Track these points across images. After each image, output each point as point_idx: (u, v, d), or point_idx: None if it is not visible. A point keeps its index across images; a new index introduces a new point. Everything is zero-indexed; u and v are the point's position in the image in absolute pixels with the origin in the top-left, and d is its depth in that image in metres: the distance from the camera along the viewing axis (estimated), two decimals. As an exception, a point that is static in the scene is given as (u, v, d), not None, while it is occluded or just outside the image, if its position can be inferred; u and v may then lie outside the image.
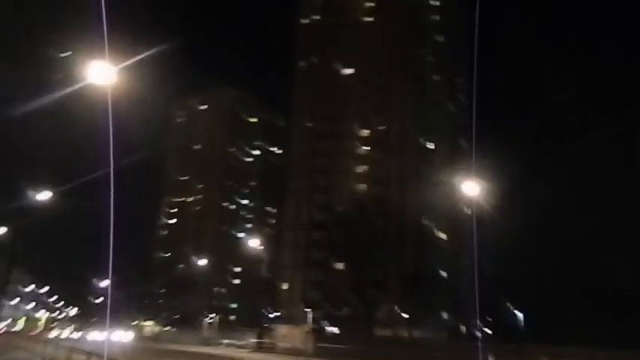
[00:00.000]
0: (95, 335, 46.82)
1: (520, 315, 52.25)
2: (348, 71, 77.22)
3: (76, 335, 54.79)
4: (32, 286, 66.91)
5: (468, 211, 43.23)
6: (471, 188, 23.32)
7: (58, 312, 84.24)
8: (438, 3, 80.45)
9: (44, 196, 20.40)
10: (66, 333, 57.58)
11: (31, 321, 62.35)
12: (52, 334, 56.17)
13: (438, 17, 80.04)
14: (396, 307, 55.57)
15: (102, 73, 10.95)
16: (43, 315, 73.77)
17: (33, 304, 70.43)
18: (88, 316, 76.73)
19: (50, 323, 69.68)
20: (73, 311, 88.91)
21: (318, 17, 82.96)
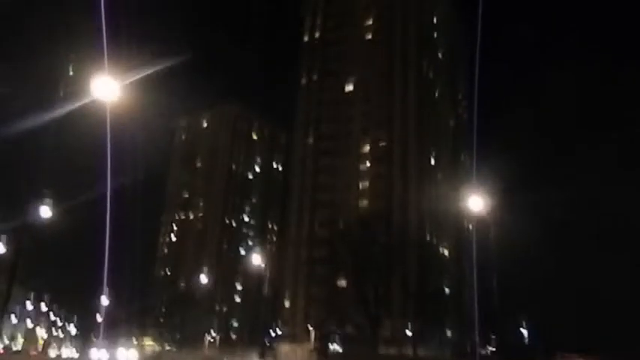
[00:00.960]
0: (96, 354, 46.22)
1: (525, 332, 51.60)
2: (350, 87, 77.64)
3: (77, 354, 54.16)
4: (31, 304, 66.28)
5: (471, 225, 43.03)
6: (473, 202, 23.19)
7: (57, 330, 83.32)
8: (437, 19, 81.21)
9: (45, 212, 20.32)
10: (66, 352, 56.91)
11: (31, 339, 61.70)
12: (52, 353, 55.57)
13: (437, 33, 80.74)
14: (399, 324, 54.90)
15: (105, 89, 10.98)
16: (42, 333, 73.00)
17: (32, 322, 69.69)
18: (89, 335, 75.96)
19: (50, 342, 68.97)
20: (73, 329, 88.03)
21: (319, 34, 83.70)
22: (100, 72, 10.55)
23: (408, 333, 53.80)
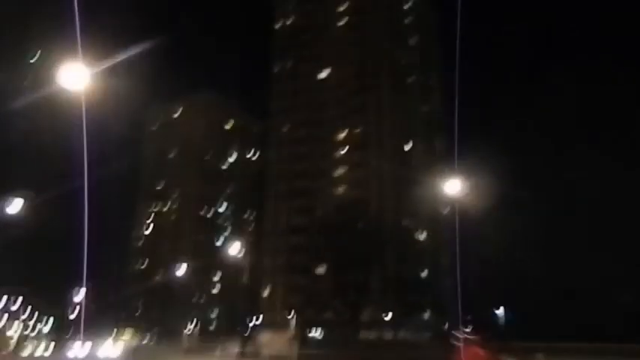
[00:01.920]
0: (73, 350, 45.32)
1: (501, 314, 52.83)
2: (324, 74, 77.29)
3: (52, 351, 53.04)
4: (3, 300, 64.52)
5: (448, 212, 43.64)
6: (451, 188, 23.51)
7: (31, 327, 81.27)
8: (410, 5, 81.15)
9: (16, 204, 19.59)
10: (41, 349, 55.57)
11: (3, 337, 60.01)
12: (26, 351, 54.28)
13: (411, 19, 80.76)
14: (379, 310, 55.56)
15: (75, 77, 10.53)
16: (15, 330, 71.07)
17: (4, 319, 67.77)
18: (64, 330, 74.43)
19: (23, 339, 67.23)
20: (48, 325, 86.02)
21: (292, 21, 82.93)
22: (71, 60, 10.09)
23: (387, 318, 54.50)
